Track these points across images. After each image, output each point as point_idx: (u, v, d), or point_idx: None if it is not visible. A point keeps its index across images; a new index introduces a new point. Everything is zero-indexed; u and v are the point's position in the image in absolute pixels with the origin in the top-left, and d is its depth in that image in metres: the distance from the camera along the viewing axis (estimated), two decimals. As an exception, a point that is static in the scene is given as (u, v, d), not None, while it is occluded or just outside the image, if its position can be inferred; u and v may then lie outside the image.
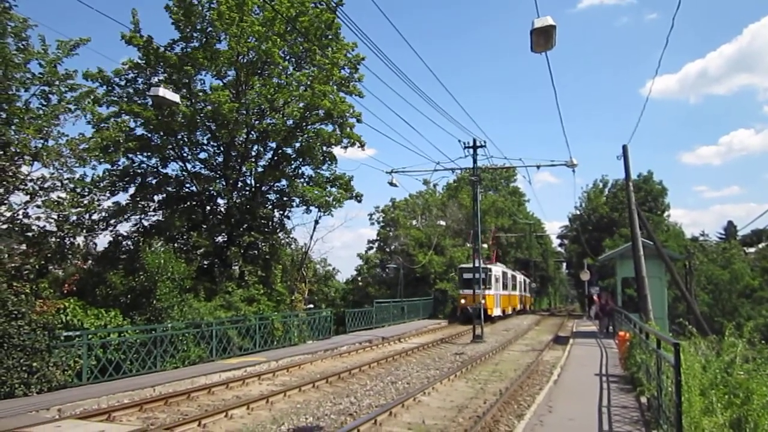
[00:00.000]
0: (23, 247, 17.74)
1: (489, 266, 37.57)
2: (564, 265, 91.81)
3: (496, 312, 38.31)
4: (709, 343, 12.93)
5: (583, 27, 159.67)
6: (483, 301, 30.25)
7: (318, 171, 28.46)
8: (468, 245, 37.76)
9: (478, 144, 27.72)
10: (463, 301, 36.65)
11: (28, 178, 16.35)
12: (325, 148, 27.65)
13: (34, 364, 12.70)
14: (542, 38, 8.85)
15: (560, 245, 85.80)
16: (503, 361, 20.71)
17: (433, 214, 51.15)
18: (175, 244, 23.89)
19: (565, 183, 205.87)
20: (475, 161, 28.05)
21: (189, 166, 26.41)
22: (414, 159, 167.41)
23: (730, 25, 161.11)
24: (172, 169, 26.30)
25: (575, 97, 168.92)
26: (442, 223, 49.21)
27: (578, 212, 69.02)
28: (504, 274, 42.68)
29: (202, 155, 26.84)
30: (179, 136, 25.16)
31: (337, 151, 28.54)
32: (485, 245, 42.21)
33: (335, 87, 25.59)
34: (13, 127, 15.41)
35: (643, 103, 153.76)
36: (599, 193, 66.82)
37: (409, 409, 12.15)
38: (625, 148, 22.06)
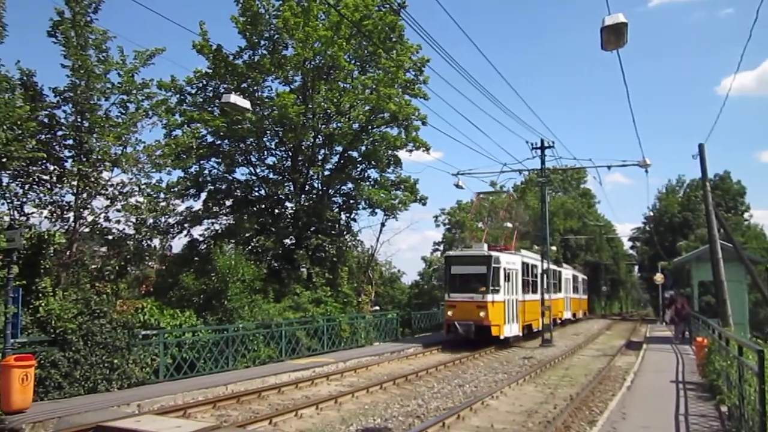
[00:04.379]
0: (104, 249, 18.62)
1: (492, 253, 23.78)
2: (636, 268, 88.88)
3: (507, 331, 23.88)
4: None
5: (655, 25, 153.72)
6: (482, 314, 22.58)
7: (383, 174, 28.70)
8: (536, 247, 34.45)
9: (546, 144, 27.23)
10: (450, 312, 23.59)
11: (109, 183, 17.06)
12: (390, 151, 27.80)
13: (115, 361, 13.24)
14: (613, 36, 8.62)
15: (632, 248, 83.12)
16: (573, 365, 20.23)
17: (499, 216, 50.36)
18: (245, 247, 24.54)
19: (638, 184, 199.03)
20: (543, 162, 27.54)
21: (257, 170, 27.19)
22: (480, 161, 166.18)
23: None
24: (241, 173, 27.13)
25: (648, 97, 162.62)
26: (509, 225, 48.29)
27: (651, 213, 66.66)
28: (526, 266, 27.44)
29: (270, 160, 27.59)
30: (247, 142, 25.88)
31: (402, 154, 28.70)
32: (554, 248, 40.91)
33: (400, 90, 25.70)
34: (94, 135, 16.13)
35: (717, 100, 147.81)
36: (672, 192, 64.37)
37: (478, 412, 12.04)
38: (701, 147, 21.21)
